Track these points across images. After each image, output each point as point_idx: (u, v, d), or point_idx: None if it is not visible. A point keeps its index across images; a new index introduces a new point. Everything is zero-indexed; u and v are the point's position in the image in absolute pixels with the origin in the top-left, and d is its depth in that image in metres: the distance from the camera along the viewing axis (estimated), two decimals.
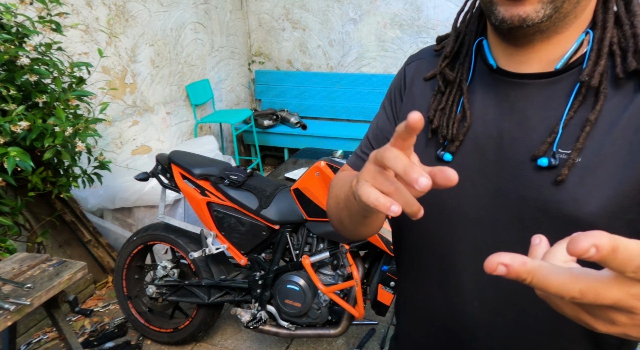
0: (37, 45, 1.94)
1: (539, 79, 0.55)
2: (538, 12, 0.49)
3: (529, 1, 0.49)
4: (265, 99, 4.67)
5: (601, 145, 0.52)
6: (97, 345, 2.20)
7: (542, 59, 0.55)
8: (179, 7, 3.49)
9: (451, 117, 0.62)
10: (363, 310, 1.78)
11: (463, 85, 0.62)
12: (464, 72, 0.63)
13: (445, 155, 0.62)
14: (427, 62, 0.71)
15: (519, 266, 0.28)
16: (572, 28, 0.53)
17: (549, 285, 0.29)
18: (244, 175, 1.89)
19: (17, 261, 1.60)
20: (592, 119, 0.51)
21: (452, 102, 0.63)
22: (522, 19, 0.50)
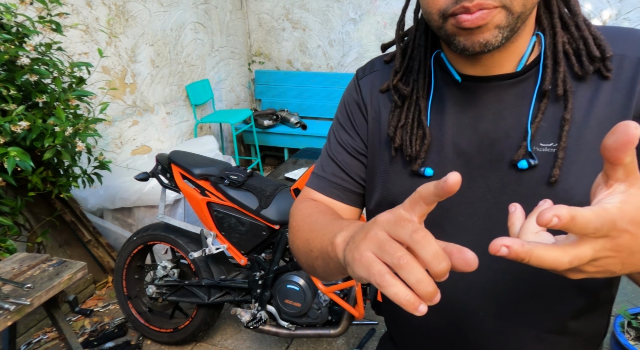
0: (37, 45, 1.94)
1: (504, 80, 0.57)
2: (497, 37, 0.51)
3: (487, 29, 0.50)
4: (265, 99, 4.67)
5: (579, 135, 0.54)
6: (97, 345, 2.20)
7: (503, 64, 0.57)
8: (179, 7, 3.49)
9: (413, 134, 0.63)
10: (363, 310, 1.78)
11: (420, 102, 0.63)
12: (419, 88, 0.63)
13: (426, 171, 0.62)
14: (381, 74, 0.70)
15: (518, 247, 0.33)
16: (523, 34, 0.56)
17: (544, 262, 0.34)
18: (244, 175, 1.89)
19: (17, 261, 1.60)
20: (568, 118, 0.54)
21: (412, 119, 0.63)
22: (482, 45, 0.51)
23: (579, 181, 0.54)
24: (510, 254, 0.33)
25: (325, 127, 4.26)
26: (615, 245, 0.34)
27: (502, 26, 0.50)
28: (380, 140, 0.67)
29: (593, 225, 0.32)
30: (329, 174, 0.72)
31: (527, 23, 0.55)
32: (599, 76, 0.55)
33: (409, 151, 0.62)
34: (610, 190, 0.35)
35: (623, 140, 0.32)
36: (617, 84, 0.54)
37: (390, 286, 0.35)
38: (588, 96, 0.55)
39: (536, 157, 0.55)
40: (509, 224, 0.40)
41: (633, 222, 0.34)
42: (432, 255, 0.34)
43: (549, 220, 0.31)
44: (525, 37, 0.57)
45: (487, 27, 0.50)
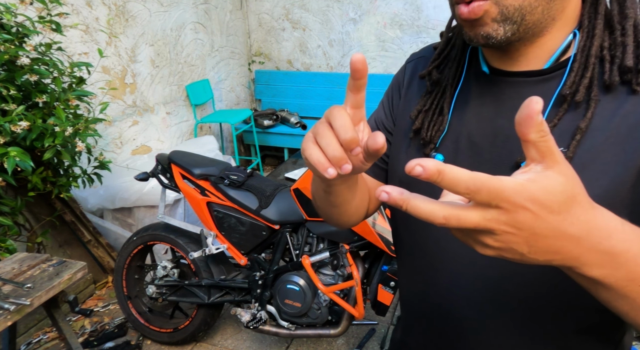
0: (37, 45, 1.94)
1: (530, 76, 0.56)
2: (497, 31, 0.50)
3: (484, 22, 0.51)
4: (265, 99, 4.67)
5: (592, 146, 0.51)
6: (97, 345, 2.20)
7: (530, 59, 0.56)
8: (179, 7, 3.49)
9: (432, 120, 0.63)
10: (363, 310, 1.78)
11: (447, 90, 0.63)
12: (450, 76, 0.64)
13: (437, 156, 0.62)
14: (426, 60, 0.71)
15: (396, 195, 0.34)
16: (553, 30, 0.53)
17: (419, 211, 0.34)
18: (244, 175, 1.89)
19: (17, 261, 1.60)
20: (582, 127, 0.51)
21: (436, 105, 0.64)
22: (484, 37, 0.51)
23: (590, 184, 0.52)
24: (389, 200, 0.34)
25: None
26: (512, 220, 0.33)
27: (499, 20, 0.50)
28: (406, 122, 0.69)
29: (464, 184, 0.32)
30: None
31: (556, 17, 0.52)
32: (630, 89, 0.51)
33: (424, 135, 0.63)
34: (526, 169, 0.35)
35: (524, 114, 0.32)
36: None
37: (308, 149, 0.44)
38: (612, 107, 0.51)
39: None
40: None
41: (534, 201, 0.33)
42: (339, 125, 0.42)
43: (411, 168, 0.32)
44: (557, 34, 0.54)
45: (484, 21, 0.50)
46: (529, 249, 0.35)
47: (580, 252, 0.36)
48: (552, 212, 0.34)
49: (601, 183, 0.50)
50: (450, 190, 0.33)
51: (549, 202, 0.33)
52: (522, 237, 0.35)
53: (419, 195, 0.34)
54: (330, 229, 1.74)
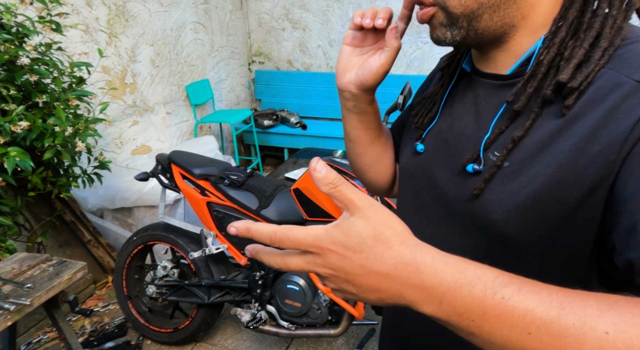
0: (37, 45, 1.94)
1: (496, 79, 0.56)
2: (445, 34, 0.53)
3: (434, 26, 0.54)
4: (265, 99, 4.67)
5: (530, 156, 0.49)
6: (97, 345, 2.20)
7: (497, 63, 0.56)
8: (179, 7, 3.49)
9: (426, 107, 0.67)
10: (363, 310, 1.78)
11: (445, 83, 0.66)
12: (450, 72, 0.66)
13: (418, 146, 0.65)
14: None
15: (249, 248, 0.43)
16: (518, 36, 0.52)
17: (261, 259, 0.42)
18: (244, 175, 1.89)
19: (17, 261, 1.60)
20: (516, 138, 0.50)
21: (435, 95, 0.67)
22: (436, 40, 0.55)
23: (502, 201, 0.50)
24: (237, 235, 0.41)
25: (325, 127, 4.26)
26: (325, 262, 0.38)
27: (446, 24, 0.52)
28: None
29: (267, 236, 0.39)
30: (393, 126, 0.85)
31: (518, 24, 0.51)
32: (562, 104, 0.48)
33: (417, 120, 0.67)
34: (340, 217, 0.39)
35: (310, 172, 0.39)
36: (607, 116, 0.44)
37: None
38: (551, 122, 0.48)
39: (483, 164, 0.53)
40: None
41: (335, 243, 0.37)
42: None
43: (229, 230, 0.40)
44: (524, 39, 0.52)
45: (433, 24, 0.54)
46: (355, 288, 0.39)
47: (399, 289, 0.38)
48: (354, 251, 0.37)
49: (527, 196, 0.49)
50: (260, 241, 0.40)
51: (348, 243, 0.37)
52: (342, 277, 0.39)
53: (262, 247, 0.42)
54: None
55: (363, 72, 0.61)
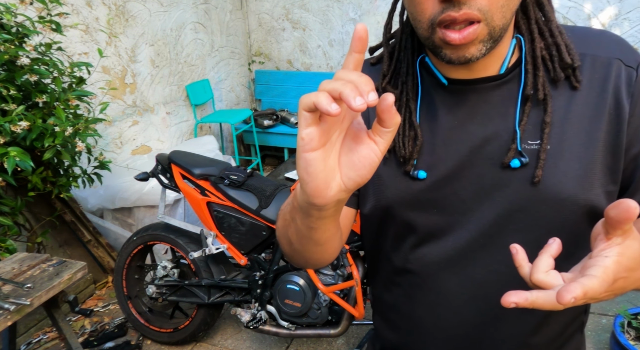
0: (37, 45, 1.94)
1: (490, 82, 0.59)
2: (481, 50, 0.53)
3: (472, 44, 0.52)
4: (265, 99, 4.67)
5: (561, 135, 0.57)
6: (97, 345, 2.20)
7: (487, 67, 0.59)
8: (179, 7, 3.49)
9: (405, 136, 0.63)
10: (363, 310, 1.78)
11: (411, 104, 0.63)
12: (409, 91, 0.63)
13: (419, 173, 0.62)
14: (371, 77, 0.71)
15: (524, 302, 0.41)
16: (505, 39, 0.58)
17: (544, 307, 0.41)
18: (244, 175, 1.89)
19: (17, 261, 1.60)
20: (548, 121, 0.57)
21: (404, 120, 0.63)
22: (467, 59, 0.53)
23: (565, 177, 0.57)
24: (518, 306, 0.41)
25: None
26: (611, 288, 0.42)
27: (486, 40, 0.52)
28: None
29: (601, 290, 0.39)
30: None
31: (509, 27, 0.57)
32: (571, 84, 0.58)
33: (402, 152, 0.62)
34: (610, 243, 0.41)
35: (624, 216, 0.39)
36: (591, 83, 0.57)
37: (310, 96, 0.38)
38: (565, 99, 0.58)
39: (526, 156, 0.57)
40: (517, 265, 0.46)
41: (627, 270, 0.41)
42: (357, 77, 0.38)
43: (568, 302, 0.37)
44: (506, 41, 0.59)
45: (473, 43, 0.52)
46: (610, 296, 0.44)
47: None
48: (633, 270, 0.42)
49: (577, 166, 0.57)
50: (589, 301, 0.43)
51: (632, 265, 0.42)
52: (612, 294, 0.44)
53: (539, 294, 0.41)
54: None
55: (359, 171, 0.42)
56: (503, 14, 0.51)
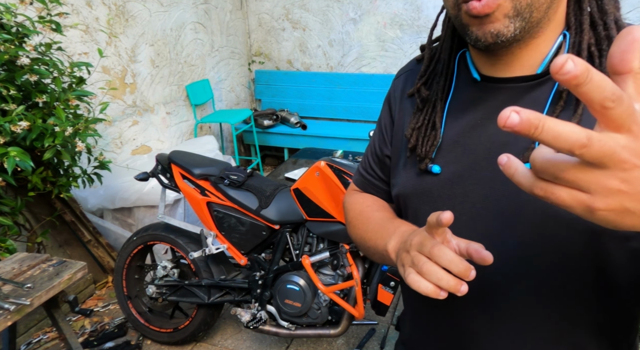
0: (37, 45, 1.94)
1: (523, 82, 0.56)
2: (508, 27, 0.50)
3: (496, 18, 0.50)
4: (265, 99, 4.67)
5: None
6: (97, 345, 2.20)
7: (523, 64, 0.56)
8: (179, 7, 3.49)
9: (426, 136, 0.64)
10: (363, 310, 1.78)
11: (437, 104, 0.63)
12: (439, 90, 0.64)
13: (433, 168, 0.62)
14: (413, 74, 0.71)
15: (530, 113, 0.29)
16: (547, 31, 0.54)
17: (559, 132, 0.29)
18: (244, 175, 1.89)
19: (17, 261, 1.60)
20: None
21: (428, 121, 0.64)
22: (494, 35, 0.51)
23: None
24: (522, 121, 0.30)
25: (325, 127, 4.26)
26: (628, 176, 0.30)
27: (511, 15, 0.49)
28: (401, 141, 0.70)
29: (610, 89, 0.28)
30: (364, 172, 0.80)
31: (551, 18, 0.53)
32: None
33: (419, 151, 0.64)
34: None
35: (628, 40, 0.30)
36: None
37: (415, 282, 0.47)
38: None
39: None
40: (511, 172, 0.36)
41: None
42: (449, 261, 0.45)
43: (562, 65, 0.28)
44: (550, 36, 0.54)
45: (495, 17, 0.50)
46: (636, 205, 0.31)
47: None
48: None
49: None
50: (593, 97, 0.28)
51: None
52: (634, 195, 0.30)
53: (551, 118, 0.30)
54: (330, 229, 1.74)
55: None
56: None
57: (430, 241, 0.48)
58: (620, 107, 0.28)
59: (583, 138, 0.29)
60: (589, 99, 0.29)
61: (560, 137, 0.29)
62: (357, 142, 3.96)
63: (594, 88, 0.28)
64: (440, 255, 0.46)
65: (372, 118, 4.26)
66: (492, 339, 0.63)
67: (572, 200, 0.32)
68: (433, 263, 0.47)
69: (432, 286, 0.46)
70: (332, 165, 1.63)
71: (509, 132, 0.31)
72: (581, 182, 0.31)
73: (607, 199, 0.31)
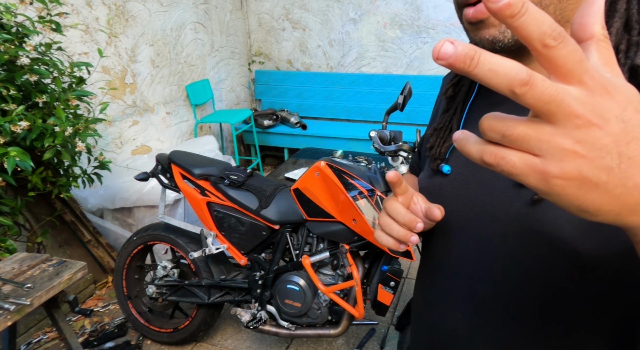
0: (37, 45, 1.94)
1: None
2: (504, 33, 0.47)
3: (491, 24, 0.47)
4: (265, 99, 4.67)
5: None
6: (97, 345, 2.20)
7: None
8: (179, 7, 3.49)
9: (442, 137, 0.64)
10: (363, 310, 1.78)
11: (458, 106, 0.63)
12: (464, 92, 0.63)
13: (444, 167, 0.62)
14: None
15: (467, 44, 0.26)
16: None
17: (497, 64, 0.26)
18: (244, 175, 1.89)
19: (17, 261, 1.60)
20: None
21: (448, 122, 0.64)
22: (489, 41, 0.48)
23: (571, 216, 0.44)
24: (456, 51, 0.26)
25: (325, 127, 4.26)
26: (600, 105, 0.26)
27: None
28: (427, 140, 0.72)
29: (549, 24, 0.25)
30: (415, 156, 0.87)
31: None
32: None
33: (434, 152, 0.65)
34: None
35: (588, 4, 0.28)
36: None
37: (380, 237, 0.56)
38: None
39: None
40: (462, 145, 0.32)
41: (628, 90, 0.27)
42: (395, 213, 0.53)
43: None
44: None
45: (490, 22, 0.47)
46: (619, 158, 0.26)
47: None
48: None
49: None
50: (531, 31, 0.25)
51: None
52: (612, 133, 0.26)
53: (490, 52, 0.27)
54: (330, 229, 1.74)
55: None
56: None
57: (391, 200, 0.54)
58: (565, 48, 0.25)
59: (524, 73, 0.25)
60: (527, 34, 0.25)
61: (499, 70, 0.26)
62: (357, 142, 3.96)
63: (530, 20, 0.25)
64: (389, 208, 0.53)
65: (372, 118, 4.26)
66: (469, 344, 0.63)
67: (524, 166, 0.28)
68: (388, 216, 0.54)
69: (392, 239, 0.54)
70: (332, 165, 1.63)
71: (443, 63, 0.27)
72: (531, 141, 0.27)
73: (561, 164, 0.27)
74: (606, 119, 0.26)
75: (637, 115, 0.26)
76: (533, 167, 0.28)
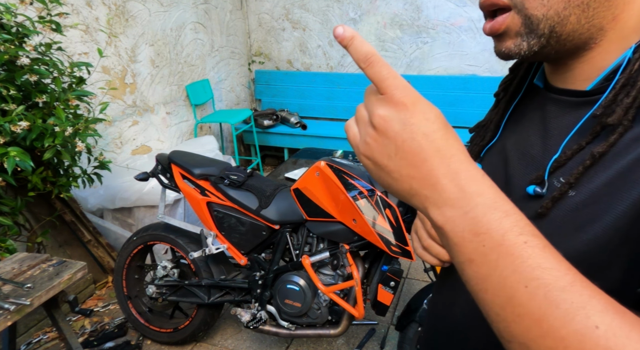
0: (37, 45, 1.94)
1: (571, 96, 0.49)
2: (519, 46, 0.46)
3: (507, 36, 0.47)
4: (265, 99, 4.67)
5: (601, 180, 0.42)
6: (97, 345, 2.20)
7: (576, 77, 0.49)
8: (179, 7, 3.49)
9: (480, 135, 0.65)
10: (363, 310, 1.78)
11: (502, 105, 0.62)
12: (510, 92, 0.62)
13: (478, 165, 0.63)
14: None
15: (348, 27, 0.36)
16: (605, 42, 0.45)
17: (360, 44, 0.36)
18: (244, 175, 1.89)
19: (17, 261, 1.61)
20: (596, 153, 0.42)
21: (490, 121, 0.64)
22: (505, 54, 0.48)
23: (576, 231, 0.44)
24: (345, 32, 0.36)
25: (325, 127, 4.26)
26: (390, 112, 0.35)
27: (523, 33, 0.45)
28: None
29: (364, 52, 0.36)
30: None
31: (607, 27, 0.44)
32: None
33: (470, 149, 0.65)
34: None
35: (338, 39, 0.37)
36: None
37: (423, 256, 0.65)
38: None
39: (546, 189, 0.47)
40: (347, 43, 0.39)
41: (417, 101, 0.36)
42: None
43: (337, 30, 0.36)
44: (612, 47, 0.45)
45: (508, 35, 0.47)
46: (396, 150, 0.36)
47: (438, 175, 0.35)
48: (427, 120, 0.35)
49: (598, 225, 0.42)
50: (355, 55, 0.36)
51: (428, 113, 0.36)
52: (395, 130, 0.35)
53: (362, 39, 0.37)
54: (330, 229, 1.74)
55: None
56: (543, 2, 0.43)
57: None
58: (372, 69, 0.35)
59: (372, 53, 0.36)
60: (354, 57, 0.36)
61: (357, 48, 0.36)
62: None
63: (353, 49, 0.36)
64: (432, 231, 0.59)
65: None
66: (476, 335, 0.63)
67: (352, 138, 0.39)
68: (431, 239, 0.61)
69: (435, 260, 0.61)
70: (332, 165, 1.63)
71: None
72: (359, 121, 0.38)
73: (364, 145, 0.38)
74: (396, 119, 0.35)
75: (424, 123, 0.35)
76: (355, 134, 0.39)
